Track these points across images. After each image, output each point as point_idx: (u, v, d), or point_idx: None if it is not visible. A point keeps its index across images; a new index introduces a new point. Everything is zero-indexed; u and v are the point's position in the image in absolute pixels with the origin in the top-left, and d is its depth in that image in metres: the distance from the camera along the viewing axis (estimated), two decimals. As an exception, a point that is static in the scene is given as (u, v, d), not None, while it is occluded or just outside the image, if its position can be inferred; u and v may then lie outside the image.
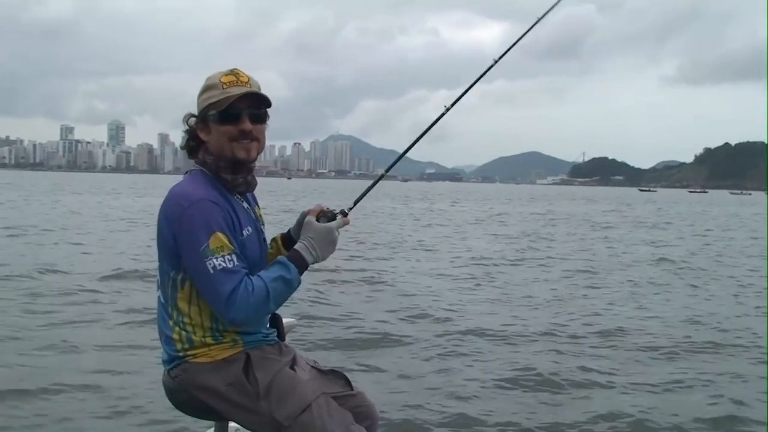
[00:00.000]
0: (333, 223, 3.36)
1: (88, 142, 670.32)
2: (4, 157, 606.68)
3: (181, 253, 3.15)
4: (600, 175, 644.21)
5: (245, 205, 3.43)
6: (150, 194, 67.84)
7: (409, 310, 11.91)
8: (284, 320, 3.73)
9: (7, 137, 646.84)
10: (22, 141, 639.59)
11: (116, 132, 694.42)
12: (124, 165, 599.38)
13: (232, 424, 3.55)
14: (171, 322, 3.28)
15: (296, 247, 3.32)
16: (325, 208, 3.45)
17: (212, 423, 3.55)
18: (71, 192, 73.00)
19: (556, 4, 4.47)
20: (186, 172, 3.42)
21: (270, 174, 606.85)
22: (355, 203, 3.59)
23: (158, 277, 3.37)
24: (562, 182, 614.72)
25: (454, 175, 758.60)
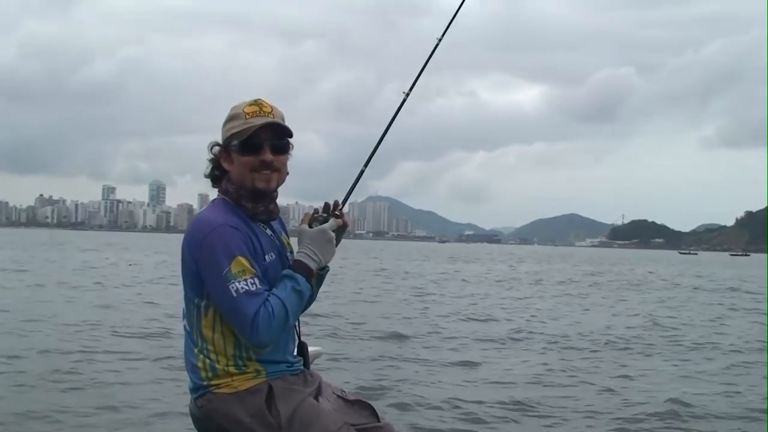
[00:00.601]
0: (326, 225, 3.41)
1: (129, 202, 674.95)
2: (47, 217, 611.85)
3: (204, 279, 3.22)
4: (639, 238, 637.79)
5: (268, 232, 3.46)
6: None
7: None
8: (310, 348, 3.77)
9: (50, 197, 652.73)
10: (64, 201, 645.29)
11: (157, 192, 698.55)
12: (164, 225, 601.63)
13: None
14: (196, 350, 3.33)
15: (297, 256, 3.36)
16: (314, 214, 3.51)
17: None
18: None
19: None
20: (210, 202, 3.49)
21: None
22: (344, 202, 3.62)
23: (183, 305, 3.42)
24: (601, 244, 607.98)
25: (492, 237, 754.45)
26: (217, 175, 3.47)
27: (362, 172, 3.89)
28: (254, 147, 3.36)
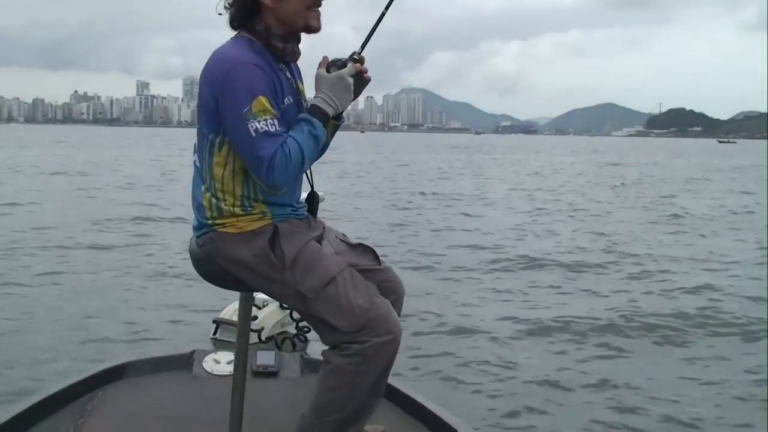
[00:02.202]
0: (345, 70, 3.23)
1: (164, 98, 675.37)
2: (82, 113, 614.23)
3: (222, 115, 3.10)
4: (677, 127, 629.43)
5: (288, 75, 3.31)
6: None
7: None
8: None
9: (85, 93, 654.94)
10: (99, 97, 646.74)
11: (191, 87, 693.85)
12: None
13: (258, 295, 3.61)
14: (203, 188, 3.26)
15: (313, 101, 3.24)
16: (332, 59, 3.32)
17: (238, 293, 3.54)
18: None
19: None
20: (231, 38, 3.26)
21: (343, 128, 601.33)
22: (363, 46, 3.40)
23: (196, 140, 3.31)
24: (638, 134, 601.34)
25: (529, 128, 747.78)
26: (244, 13, 3.21)
27: (383, 14, 3.47)
28: None
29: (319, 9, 3.23)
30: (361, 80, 3.33)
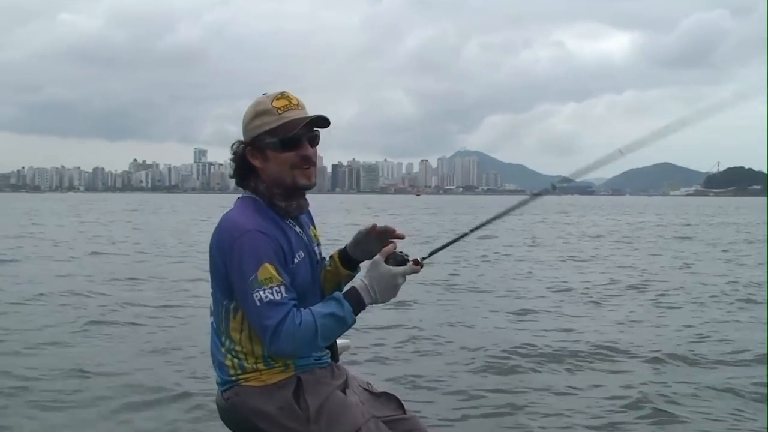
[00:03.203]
0: (401, 269, 3.25)
1: (221, 164, 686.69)
2: (141, 181, 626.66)
3: (231, 282, 3.18)
4: (736, 185, 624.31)
5: (297, 229, 3.40)
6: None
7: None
8: (339, 341, 3.71)
9: (144, 161, 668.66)
10: (158, 165, 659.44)
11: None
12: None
13: None
14: (223, 350, 3.33)
15: (356, 285, 3.27)
16: (397, 251, 3.33)
17: None
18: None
19: None
20: (238, 198, 3.42)
21: (398, 191, 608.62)
22: (431, 254, 3.41)
23: (211, 303, 3.40)
24: (696, 193, 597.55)
25: (585, 188, 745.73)
26: (242, 174, 3.37)
27: (464, 234, 3.56)
28: (294, 143, 3.26)
29: (311, 168, 3.32)
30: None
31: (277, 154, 3.26)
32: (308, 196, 3.47)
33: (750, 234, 41.48)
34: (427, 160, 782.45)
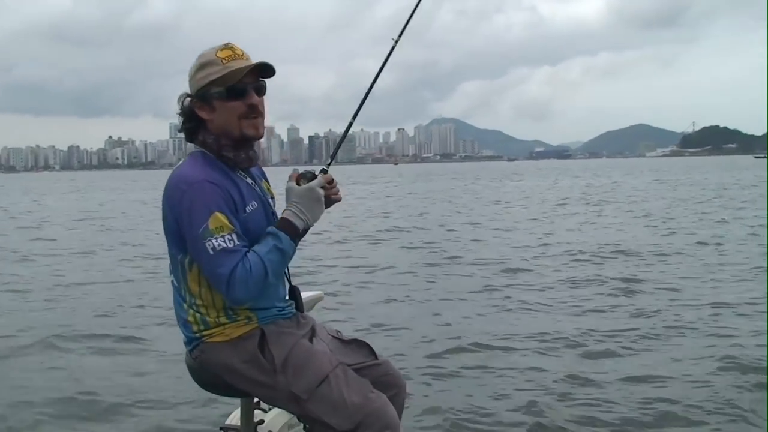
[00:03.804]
0: (313, 182, 3.29)
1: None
2: (117, 158, 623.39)
3: (184, 236, 3.15)
4: (711, 145, 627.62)
5: (249, 180, 3.38)
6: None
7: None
8: (310, 293, 3.80)
9: (119, 138, 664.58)
10: (133, 141, 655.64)
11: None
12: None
13: (257, 400, 3.61)
14: (185, 305, 3.30)
15: (283, 214, 3.28)
16: (301, 171, 3.38)
17: (239, 400, 3.61)
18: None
19: None
20: (188, 155, 3.37)
21: (376, 161, 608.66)
22: (332, 158, 3.56)
23: (169, 261, 3.37)
24: (672, 153, 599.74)
25: (562, 152, 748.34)
26: (190, 127, 3.33)
27: (350, 124, 3.70)
28: (240, 92, 3.24)
29: (258, 118, 3.30)
30: (329, 199, 3.41)
31: (224, 103, 3.23)
32: (290, 169, 3.44)
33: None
34: (403, 129, 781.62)
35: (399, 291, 12.12)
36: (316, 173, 3.37)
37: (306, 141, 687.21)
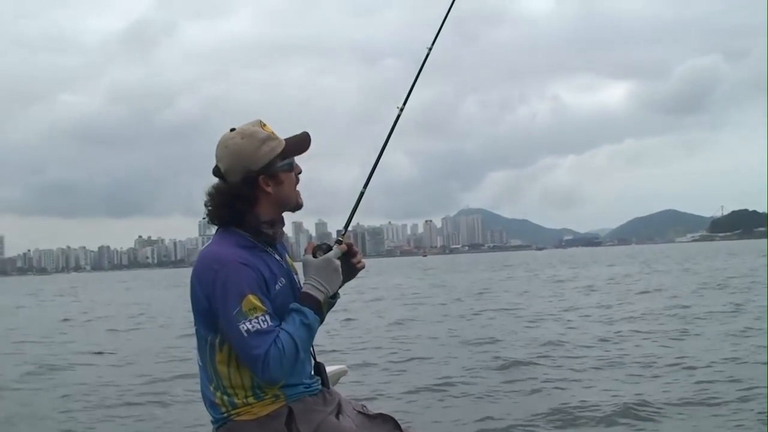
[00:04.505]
0: (331, 253, 3.36)
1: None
2: (147, 257, 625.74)
3: (216, 316, 3.18)
4: (741, 228, 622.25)
5: (276, 257, 3.42)
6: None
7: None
8: (334, 367, 3.84)
9: (149, 237, 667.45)
10: (163, 240, 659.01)
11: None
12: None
13: None
14: (212, 387, 3.31)
15: (303, 288, 3.33)
16: (317, 243, 3.46)
17: None
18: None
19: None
20: (215, 234, 3.42)
21: (405, 253, 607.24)
22: (346, 227, 3.64)
23: (196, 341, 3.40)
24: (702, 238, 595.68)
25: (592, 240, 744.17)
26: (239, 208, 3.33)
27: (362, 194, 3.74)
28: (293, 163, 3.42)
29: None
30: (350, 266, 3.47)
31: (288, 175, 3.38)
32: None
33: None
34: (431, 221, 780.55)
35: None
36: (332, 244, 3.44)
37: (334, 235, 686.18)
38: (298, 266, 3.53)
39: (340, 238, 3.50)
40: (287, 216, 3.50)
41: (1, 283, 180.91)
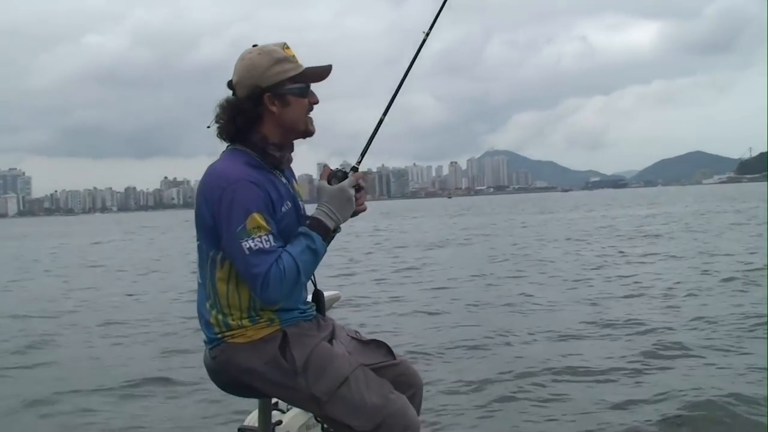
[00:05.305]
0: (345, 182, 3.33)
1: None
2: (173, 198, 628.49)
3: (219, 233, 3.18)
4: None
5: (284, 180, 3.41)
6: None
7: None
8: (328, 293, 3.79)
9: (175, 179, 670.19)
10: (188, 181, 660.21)
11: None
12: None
13: (275, 401, 3.66)
14: (208, 304, 3.33)
15: (314, 214, 3.31)
16: (333, 169, 3.45)
17: (257, 400, 3.63)
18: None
19: None
20: (223, 151, 3.41)
21: (429, 195, 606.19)
22: (362, 155, 3.53)
23: (197, 256, 3.39)
24: (729, 180, 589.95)
25: (617, 182, 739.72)
26: (243, 123, 3.33)
27: (381, 120, 3.64)
28: (307, 90, 3.38)
29: (311, 115, 3.41)
30: (357, 203, 3.40)
31: (298, 99, 3.33)
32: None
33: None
34: (456, 162, 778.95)
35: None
36: (348, 171, 3.42)
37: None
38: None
39: (356, 165, 3.46)
40: (312, 157, 3.53)
41: (47, 222, 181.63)
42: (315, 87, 3.44)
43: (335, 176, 3.39)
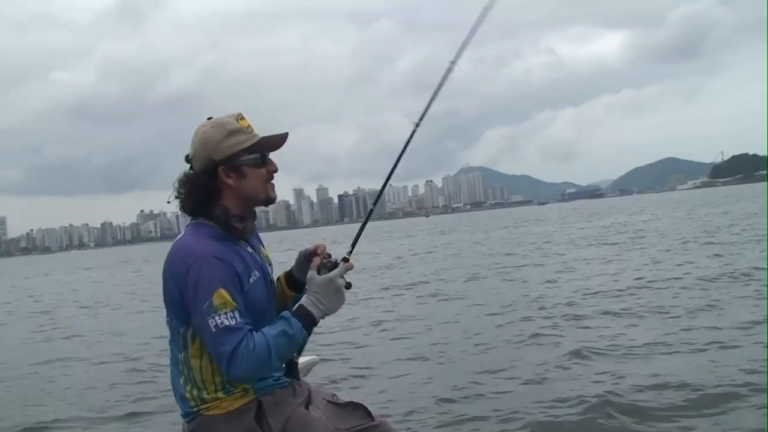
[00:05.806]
0: (334, 272, 3.34)
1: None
2: (150, 231, 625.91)
3: (188, 309, 3.17)
4: (742, 173, 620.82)
5: (250, 249, 3.42)
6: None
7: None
8: (305, 359, 3.83)
9: (151, 211, 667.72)
10: (165, 213, 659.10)
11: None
12: (264, 224, 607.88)
13: None
14: (182, 379, 3.33)
15: (301, 302, 3.31)
16: (323, 259, 3.43)
17: None
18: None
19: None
20: (188, 225, 3.41)
21: (407, 215, 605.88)
22: (353, 246, 3.55)
23: (168, 332, 3.39)
24: (704, 185, 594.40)
25: (594, 192, 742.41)
26: (200, 198, 3.34)
27: (370, 213, 3.77)
28: (265, 159, 3.38)
29: (273, 181, 3.42)
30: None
31: (255, 170, 3.34)
32: (322, 229, 3.49)
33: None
34: (431, 181, 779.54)
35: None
36: (338, 261, 3.42)
37: (336, 200, 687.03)
38: (290, 236, 3.53)
39: (347, 256, 3.45)
40: (288, 183, 3.50)
41: (27, 262, 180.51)
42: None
43: (325, 266, 3.40)
